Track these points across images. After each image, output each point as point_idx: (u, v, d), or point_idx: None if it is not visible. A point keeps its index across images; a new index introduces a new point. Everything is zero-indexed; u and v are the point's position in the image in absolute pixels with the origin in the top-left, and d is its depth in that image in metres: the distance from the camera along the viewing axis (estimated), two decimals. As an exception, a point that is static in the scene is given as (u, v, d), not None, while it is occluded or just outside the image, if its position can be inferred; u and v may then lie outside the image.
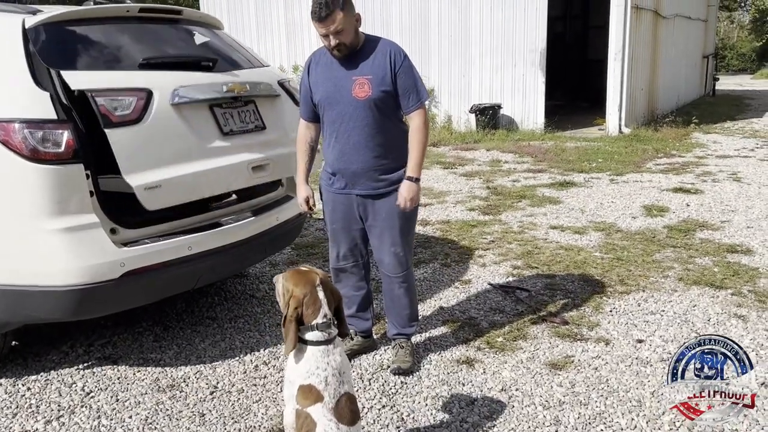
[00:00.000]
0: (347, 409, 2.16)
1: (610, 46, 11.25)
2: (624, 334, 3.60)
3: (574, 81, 17.75)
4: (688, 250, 5.00)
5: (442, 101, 12.33)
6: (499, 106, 11.80)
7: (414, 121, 3.05)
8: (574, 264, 4.73)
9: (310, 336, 2.21)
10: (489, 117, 11.61)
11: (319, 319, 2.21)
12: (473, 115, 11.69)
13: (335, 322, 2.28)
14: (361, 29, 3.00)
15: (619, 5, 11.03)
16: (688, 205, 6.43)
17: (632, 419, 2.80)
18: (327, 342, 2.21)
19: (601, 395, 2.99)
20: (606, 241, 5.28)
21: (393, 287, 3.25)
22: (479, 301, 4.11)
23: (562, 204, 6.61)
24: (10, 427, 2.81)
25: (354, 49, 2.97)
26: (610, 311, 3.90)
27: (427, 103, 3.14)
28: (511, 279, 4.48)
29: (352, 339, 3.37)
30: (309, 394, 2.14)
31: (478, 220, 6.00)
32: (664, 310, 3.90)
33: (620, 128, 11.37)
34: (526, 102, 11.85)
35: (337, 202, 3.18)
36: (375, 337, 3.53)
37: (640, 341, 3.51)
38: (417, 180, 3.03)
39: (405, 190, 3.02)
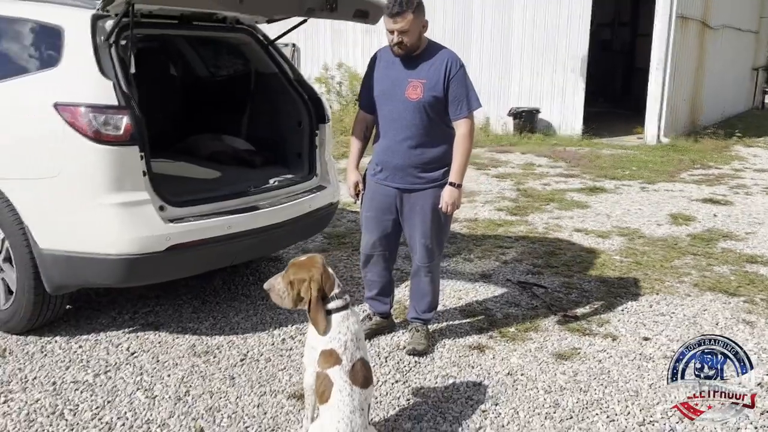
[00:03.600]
0: (361, 374, 2.42)
1: (652, 55, 11.24)
2: (632, 331, 3.77)
3: (618, 88, 17.67)
4: (707, 258, 5.11)
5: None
6: (538, 111, 11.89)
7: (460, 128, 3.27)
8: (593, 266, 4.90)
9: (332, 305, 2.48)
10: (526, 121, 11.72)
11: (336, 289, 2.49)
12: (511, 118, 11.82)
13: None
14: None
15: (663, 14, 11.01)
16: (715, 216, 6.50)
17: (627, 407, 2.99)
18: (346, 306, 2.49)
19: (601, 384, 3.19)
20: (627, 246, 5.42)
21: (420, 275, 3.50)
22: (496, 294, 4.32)
23: (589, 209, 6.75)
24: (63, 377, 3.16)
25: (413, 51, 3.21)
26: (622, 310, 4.07)
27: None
28: (529, 276, 4.67)
29: (370, 319, 3.63)
30: (329, 357, 2.41)
31: (505, 220, 6.19)
32: (674, 312, 4.05)
33: (659, 138, 11.35)
34: (565, 107, 11.92)
35: (376, 192, 3.43)
36: (395, 321, 3.78)
37: (646, 339, 3.68)
38: (459, 186, 3.27)
39: (447, 195, 3.26)
